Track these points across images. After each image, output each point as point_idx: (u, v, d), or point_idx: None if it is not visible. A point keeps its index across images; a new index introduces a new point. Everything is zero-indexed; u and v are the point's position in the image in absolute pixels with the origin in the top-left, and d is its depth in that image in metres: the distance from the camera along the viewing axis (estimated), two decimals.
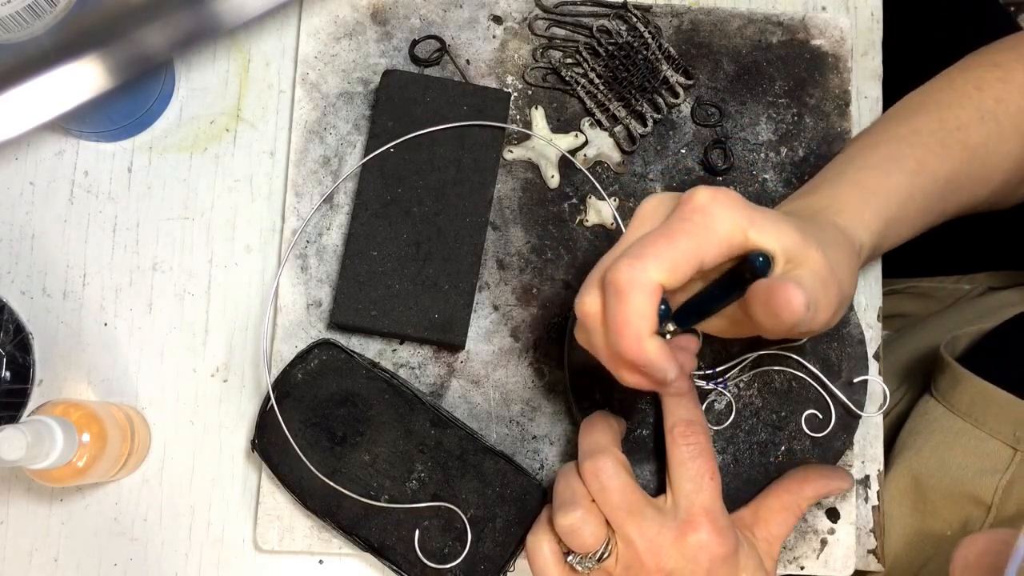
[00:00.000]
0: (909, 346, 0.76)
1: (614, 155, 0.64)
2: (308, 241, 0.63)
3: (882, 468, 0.63)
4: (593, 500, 0.51)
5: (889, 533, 0.65)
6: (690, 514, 0.50)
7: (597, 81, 0.63)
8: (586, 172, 0.63)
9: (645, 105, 0.63)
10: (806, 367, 0.58)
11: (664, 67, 0.63)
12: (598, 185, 0.63)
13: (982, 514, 0.62)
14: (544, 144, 0.63)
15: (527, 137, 0.63)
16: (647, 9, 0.65)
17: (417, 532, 0.57)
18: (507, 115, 0.62)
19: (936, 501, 0.64)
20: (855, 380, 0.58)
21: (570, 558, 0.52)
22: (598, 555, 0.51)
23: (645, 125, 0.63)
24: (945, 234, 0.58)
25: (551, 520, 0.52)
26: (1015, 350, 0.65)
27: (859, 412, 0.58)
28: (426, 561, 0.57)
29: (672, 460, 0.52)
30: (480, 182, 0.61)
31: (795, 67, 0.65)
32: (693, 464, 0.51)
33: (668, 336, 0.46)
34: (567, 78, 0.64)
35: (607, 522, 0.51)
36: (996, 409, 0.62)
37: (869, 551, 0.62)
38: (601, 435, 0.53)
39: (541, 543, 0.53)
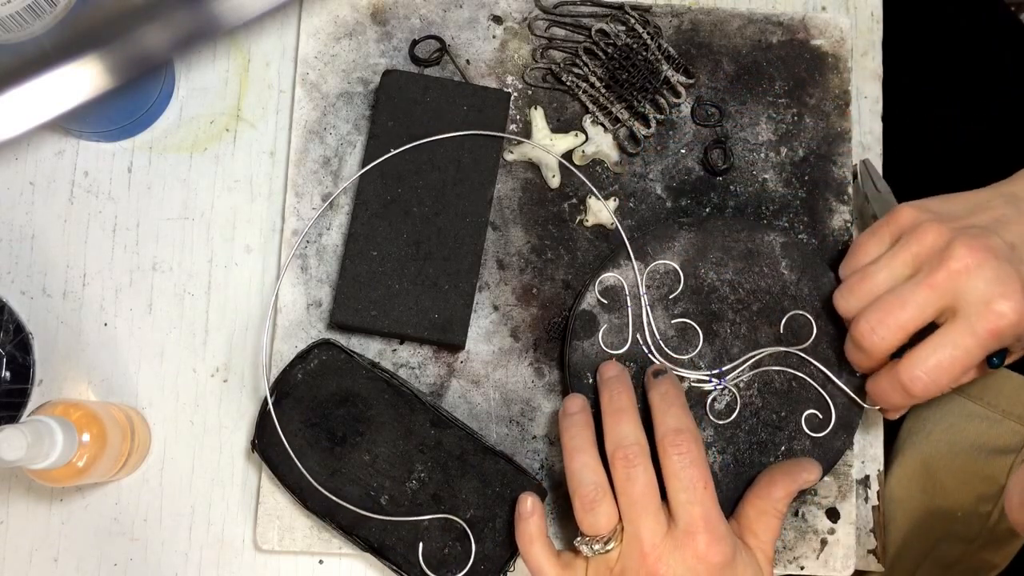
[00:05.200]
0: None
1: (612, 154, 0.64)
2: (308, 241, 0.63)
3: (882, 468, 0.63)
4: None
5: (896, 518, 0.65)
6: (688, 524, 0.50)
7: (598, 84, 0.63)
8: (583, 177, 0.62)
9: (647, 106, 0.63)
10: (809, 362, 0.58)
11: (664, 67, 0.63)
12: (594, 189, 0.63)
13: (995, 493, 0.63)
14: (544, 144, 0.63)
15: (528, 137, 0.63)
16: (647, 10, 0.65)
17: (417, 536, 0.57)
18: (507, 115, 0.62)
19: (946, 482, 0.64)
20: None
21: (578, 540, 0.52)
22: (606, 540, 0.51)
23: (648, 126, 0.63)
24: None
25: (533, 515, 0.54)
26: None
27: (863, 404, 0.58)
28: (425, 568, 0.57)
29: (665, 471, 0.52)
30: (480, 182, 0.61)
31: (795, 67, 0.65)
32: (685, 474, 0.51)
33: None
34: (568, 83, 0.64)
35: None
36: (1010, 391, 0.63)
37: (869, 551, 0.62)
38: (631, 424, 0.53)
39: (532, 537, 0.54)
